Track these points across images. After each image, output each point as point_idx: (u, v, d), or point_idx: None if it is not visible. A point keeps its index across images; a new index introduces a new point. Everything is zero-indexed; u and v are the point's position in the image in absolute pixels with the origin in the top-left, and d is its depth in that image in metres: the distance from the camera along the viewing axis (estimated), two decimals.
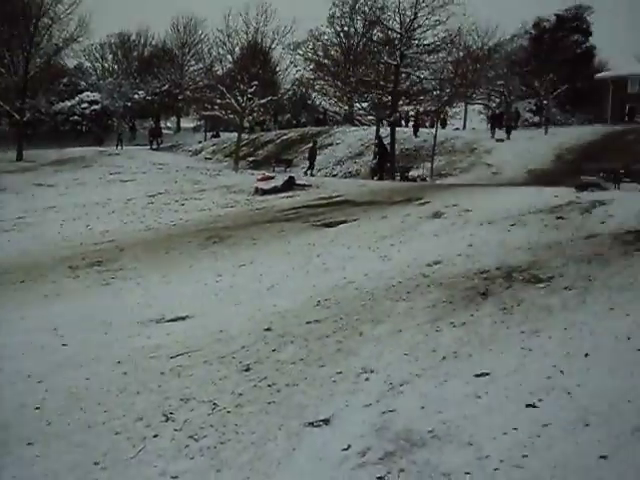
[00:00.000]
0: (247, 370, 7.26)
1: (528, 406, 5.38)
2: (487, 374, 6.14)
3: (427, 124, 44.62)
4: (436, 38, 34.51)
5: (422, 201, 17.01)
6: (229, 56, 41.04)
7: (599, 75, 54.02)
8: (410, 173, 33.46)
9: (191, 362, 7.74)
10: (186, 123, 67.78)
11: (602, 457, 4.52)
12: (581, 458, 4.56)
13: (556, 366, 6.09)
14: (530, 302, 8.17)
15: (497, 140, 39.10)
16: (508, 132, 40.29)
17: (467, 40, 46.58)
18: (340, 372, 6.85)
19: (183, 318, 9.85)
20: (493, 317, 7.80)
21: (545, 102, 44.74)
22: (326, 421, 5.79)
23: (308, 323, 8.63)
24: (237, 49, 41.62)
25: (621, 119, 45.59)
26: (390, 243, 12.86)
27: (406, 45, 33.82)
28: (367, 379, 6.58)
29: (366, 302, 9.20)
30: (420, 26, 33.85)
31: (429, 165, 33.35)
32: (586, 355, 6.29)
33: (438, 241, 12.54)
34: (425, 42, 34.66)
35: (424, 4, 33.06)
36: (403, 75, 35.08)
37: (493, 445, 4.85)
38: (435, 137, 34.24)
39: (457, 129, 48.90)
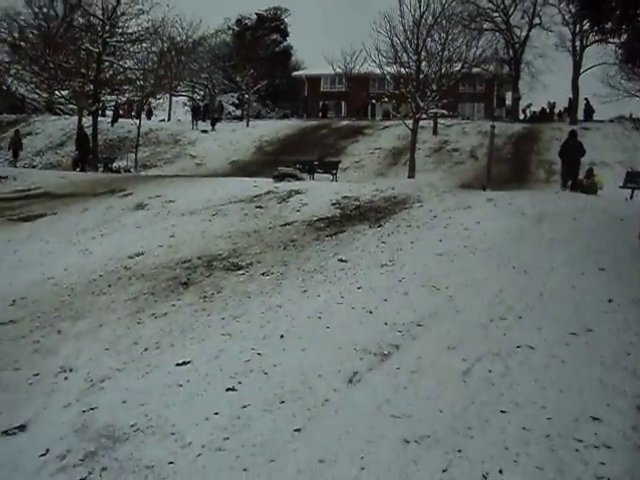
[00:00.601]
0: None
1: (228, 390, 5.52)
2: (189, 362, 6.18)
3: (133, 114, 43.63)
4: (140, 27, 33.88)
5: (125, 192, 16.68)
6: None
7: (296, 73, 57.23)
8: (114, 164, 32.65)
9: None
10: None
11: (296, 430, 4.80)
12: (277, 433, 4.79)
13: (254, 349, 6.32)
14: (230, 289, 8.40)
15: (202, 131, 39.63)
16: (213, 124, 41.01)
17: (172, 32, 46.44)
18: (37, 374, 6.45)
19: None
20: (194, 306, 7.89)
21: (247, 96, 46.09)
22: (22, 427, 5.41)
23: (3, 324, 8.01)
24: None
25: (316, 114, 48.56)
26: (92, 236, 12.42)
27: (109, 33, 32.69)
28: (66, 378, 6.28)
29: (65, 298, 8.79)
30: (123, 14, 32.96)
31: (134, 156, 32.81)
32: (281, 336, 6.63)
33: (141, 232, 12.37)
34: (129, 31, 33.86)
35: None
36: (107, 64, 33.93)
37: (195, 432, 4.90)
38: (139, 128, 33.74)
39: (162, 120, 48.51)
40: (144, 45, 35.02)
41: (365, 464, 4.29)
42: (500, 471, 4.15)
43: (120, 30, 33.52)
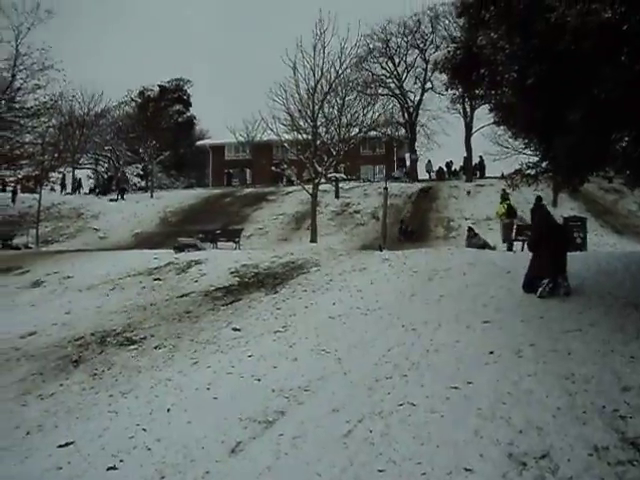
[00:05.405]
0: None
1: (109, 469, 5.45)
2: (71, 443, 6.07)
3: (38, 188, 42.57)
4: (37, 102, 33.59)
5: (22, 270, 16.31)
6: None
7: (200, 142, 57.35)
8: (14, 241, 31.74)
9: None
10: None
11: None
12: None
13: (139, 424, 6.27)
14: (121, 365, 8.29)
15: (111, 200, 39.31)
16: (121, 194, 40.70)
17: (72, 105, 46.15)
18: None
19: None
20: (83, 384, 7.75)
21: (150, 167, 45.84)
22: None
23: None
24: None
25: (221, 183, 48.72)
26: None
27: (5, 107, 32.32)
28: None
29: None
30: (20, 89, 32.70)
31: (35, 232, 32.05)
32: (168, 410, 6.58)
33: (35, 311, 12.08)
34: (26, 105, 33.50)
35: (22, 67, 32.09)
36: (4, 138, 33.33)
37: None
38: (39, 202, 33.02)
39: (68, 194, 47.54)
40: (42, 119, 34.64)
41: None
42: None
43: (17, 105, 33.11)
